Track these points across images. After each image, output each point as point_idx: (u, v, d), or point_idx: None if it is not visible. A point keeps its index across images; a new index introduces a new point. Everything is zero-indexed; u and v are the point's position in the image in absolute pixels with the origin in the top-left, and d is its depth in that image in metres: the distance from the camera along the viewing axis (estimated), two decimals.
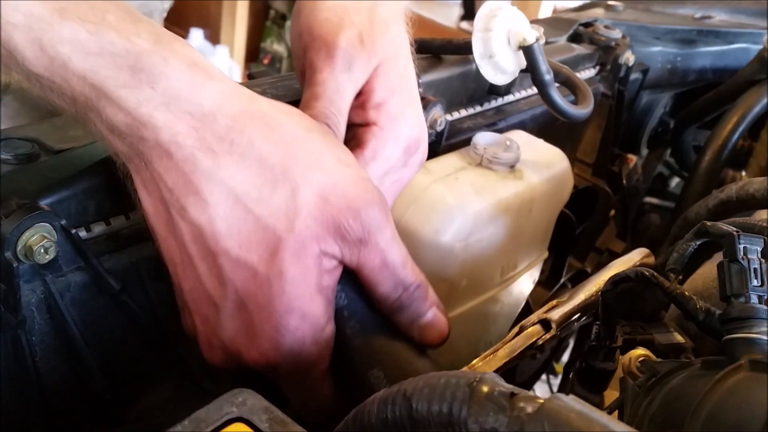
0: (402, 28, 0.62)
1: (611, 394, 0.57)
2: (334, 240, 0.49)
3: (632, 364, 0.48)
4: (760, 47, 1.00)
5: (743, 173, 1.08)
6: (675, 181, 1.27)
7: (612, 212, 1.07)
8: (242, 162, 0.47)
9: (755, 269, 0.45)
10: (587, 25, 1.01)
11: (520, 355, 0.56)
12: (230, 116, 0.47)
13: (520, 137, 0.79)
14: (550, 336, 0.57)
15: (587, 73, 0.98)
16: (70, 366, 0.54)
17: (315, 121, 0.52)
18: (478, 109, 0.83)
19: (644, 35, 1.08)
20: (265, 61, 3.46)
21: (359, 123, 0.58)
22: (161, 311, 0.57)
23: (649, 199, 1.21)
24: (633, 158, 1.08)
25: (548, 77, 0.73)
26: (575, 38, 1.00)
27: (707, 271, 0.60)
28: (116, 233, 0.55)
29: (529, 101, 0.88)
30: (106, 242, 0.54)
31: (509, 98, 0.87)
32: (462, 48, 0.77)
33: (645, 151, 1.18)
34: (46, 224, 0.49)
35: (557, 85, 0.76)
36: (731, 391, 0.40)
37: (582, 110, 0.76)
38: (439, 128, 0.74)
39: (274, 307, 0.48)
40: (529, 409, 0.34)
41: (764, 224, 0.54)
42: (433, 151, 0.63)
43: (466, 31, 2.81)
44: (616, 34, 0.99)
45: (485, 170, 0.72)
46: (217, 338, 0.51)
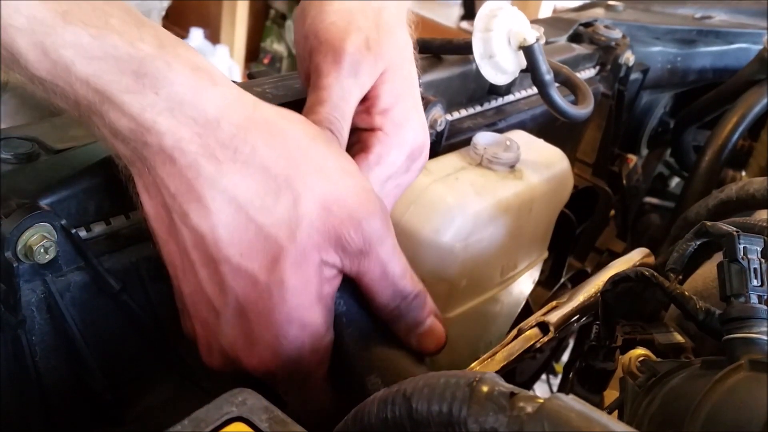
0: (406, 31, 0.62)
1: (611, 394, 0.57)
2: (335, 250, 0.49)
3: (632, 363, 0.48)
4: (760, 47, 1.00)
5: (743, 173, 1.08)
6: (675, 181, 1.27)
7: (612, 212, 1.07)
8: (245, 170, 0.47)
9: (755, 269, 0.45)
10: (587, 25, 1.01)
11: (518, 358, 0.56)
12: (234, 123, 0.46)
13: (520, 137, 0.79)
14: (547, 339, 0.57)
15: (587, 73, 0.98)
16: (70, 366, 0.54)
17: (319, 128, 0.52)
18: (478, 109, 0.83)
19: (644, 35, 1.08)
20: (265, 60, 3.46)
21: (364, 128, 0.59)
22: (161, 311, 0.57)
23: (649, 199, 1.21)
24: (633, 158, 1.08)
25: (548, 77, 0.73)
26: (575, 38, 1.00)
27: (707, 271, 0.60)
28: (116, 233, 0.55)
29: (529, 101, 0.88)
30: (106, 242, 0.54)
31: (509, 98, 0.87)
32: (462, 48, 0.77)
33: (645, 151, 1.18)
34: (46, 224, 0.49)
35: (557, 85, 0.76)
36: (731, 391, 0.40)
37: (582, 110, 0.76)
38: (439, 128, 0.74)
39: (274, 316, 0.48)
40: (529, 408, 0.34)
41: (764, 224, 0.54)
42: (433, 151, 0.63)
43: (467, 31, 2.81)
44: (616, 34, 0.99)
45: (485, 170, 0.72)
46: (217, 343, 0.51)
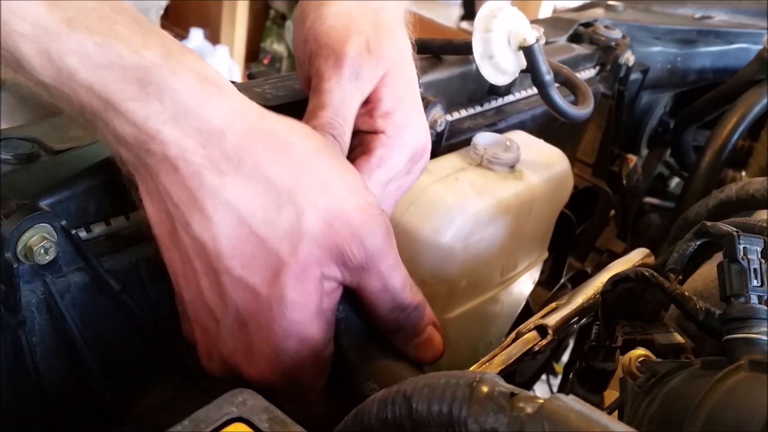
0: (405, 32, 0.62)
1: (611, 395, 0.57)
2: (336, 266, 0.49)
3: (632, 364, 0.48)
4: (760, 47, 1.00)
5: (743, 173, 1.08)
6: (675, 182, 1.27)
7: (612, 212, 1.07)
8: (249, 182, 0.46)
9: (755, 269, 0.45)
10: (587, 25, 1.01)
11: (517, 361, 0.56)
12: (239, 135, 0.46)
13: (520, 137, 0.79)
14: (546, 342, 0.57)
15: (587, 73, 0.98)
16: (70, 366, 0.54)
17: (325, 140, 0.52)
18: (478, 109, 0.83)
19: (644, 35, 1.08)
20: (265, 61, 3.46)
21: (366, 130, 0.59)
22: (161, 311, 0.57)
23: (649, 200, 1.21)
24: (633, 158, 1.08)
25: (548, 78, 0.73)
26: (575, 38, 1.00)
27: (707, 272, 0.60)
28: (116, 234, 0.55)
29: (529, 101, 0.88)
30: (107, 243, 0.54)
31: (509, 98, 0.87)
32: (462, 48, 0.77)
33: (645, 151, 1.18)
34: (46, 225, 0.48)
35: (557, 85, 0.76)
36: (731, 391, 0.40)
37: (582, 110, 0.76)
38: (439, 128, 0.74)
39: (273, 329, 0.48)
40: (529, 409, 0.34)
41: (764, 224, 0.54)
42: (433, 151, 0.63)
43: (466, 32, 2.81)
44: (616, 34, 0.99)
45: (485, 170, 0.72)
46: (216, 351, 0.51)
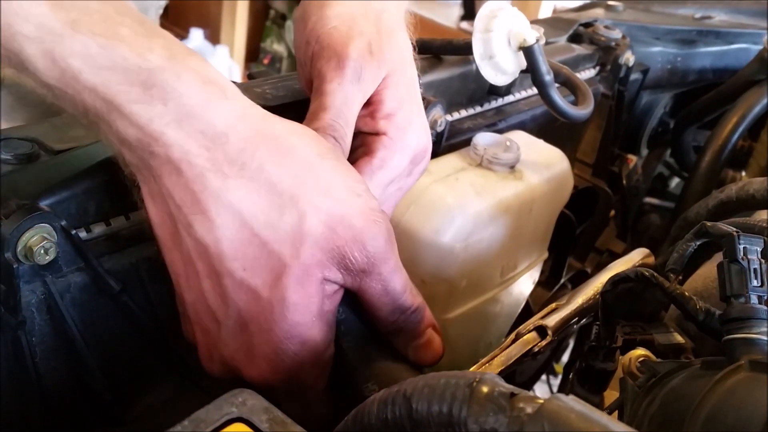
0: (406, 33, 0.62)
1: (611, 395, 0.57)
2: (338, 269, 0.49)
3: (632, 364, 0.48)
4: (760, 47, 1.00)
5: (743, 173, 1.08)
6: (675, 182, 1.27)
7: (612, 212, 1.07)
8: (251, 185, 0.46)
9: (755, 269, 0.45)
10: (587, 25, 1.01)
11: (517, 362, 0.56)
12: (243, 138, 0.46)
13: (520, 138, 0.79)
14: (546, 343, 0.57)
15: (587, 74, 0.98)
16: (70, 366, 0.54)
17: (327, 143, 0.52)
18: (478, 109, 0.83)
19: (644, 35, 1.08)
20: (265, 61, 3.46)
21: (368, 132, 0.59)
22: (161, 312, 0.57)
23: (649, 200, 1.21)
24: (633, 158, 1.08)
25: (548, 78, 0.73)
26: (575, 38, 1.00)
27: (707, 272, 0.60)
28: (116, 234, 0.55)
29: (529, 102, 0.88)
30: (106, 243, 0.54)
31: (509, 99, 0.87)
32: (462, 48, 0.77)
33: (645, 152, 1.18)
34: (46, 225, 0.49)
35: (557, 85, 0.76)
36: (731, 391, 0.40)
37: (582, 111, 0.76)
38: (439, 129, 0.74)
39: (274, 331, 0.48)
40: (529, 409, 0.34)
41: (764, 224, 0.54)
42: (433, 151, 0.64)
43: (467, 32, 2.81)
44: (616, 34, 0.99)
45: (485, 171, 0.72)
46: (217, 352, 0.51)
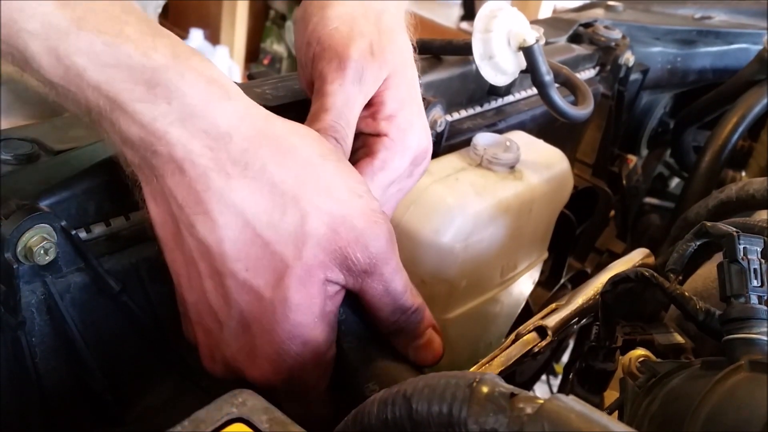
0: (406, 34, 0.62)
1: (611, 395, 0.57)
2: (340, 270, 0.49)
3: (632, 364, 0.48)
4: (760, 48, 1.00)
5: (743, 173, 1.08)
6: (675, 182, 1.27)
7: (612, 213, 1.07)
8: (254, 185, 0.46)
9: (755, 270, 0.45)
10: (587, 25, 1.01)
11: (517, 362, 0.56)
12: (246, 138, 0.46)
13: (520, 138, 0.79)
14: (546, 343, 0.57)
15: (587, 74, 0.98)
16: (70, 366, 0.54)
17: (329, 144, 0.52)
18: (478, 109, 0.83)
19: (644, 36, 1.08)
20: (265, 61, 3.46)
21: (369, 133, 0.59)
22: (161, 312, 0.57)
23: (649, 200, 1.21)
24: (633, 159, 1.08)
25: (548, 78, 0.73)
26: (575, 39, 1.00)
27: (707, 272, 0.60)
28: (116, 234, 0.55)
29: (529, 102, 0.88)
30: (106, 243, 0.54)
31: (509, 99, 0.87)
32: (462, 49, 0.77)
33: (645, 152, 1.18)
34: (46, 225, 0.49)
35: (557, 85, 0.76)
36: (731, 391, 0.40)
37: (582, 111, 0.76)
38: (439, 129, 0.74)
39: (276, 332, 0.48)
40: (529, 409, 0.34)
41: (764, 224, 0.54)
42: (433, 151, 0.64)
43: (466, 32, 2.81)
44: (616, 34, 0.99)
45: (485, 171, 0.72)
46: (219, 353, 0.51)
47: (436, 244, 0.67)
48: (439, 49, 0.79)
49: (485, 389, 0.36)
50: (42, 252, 0.48)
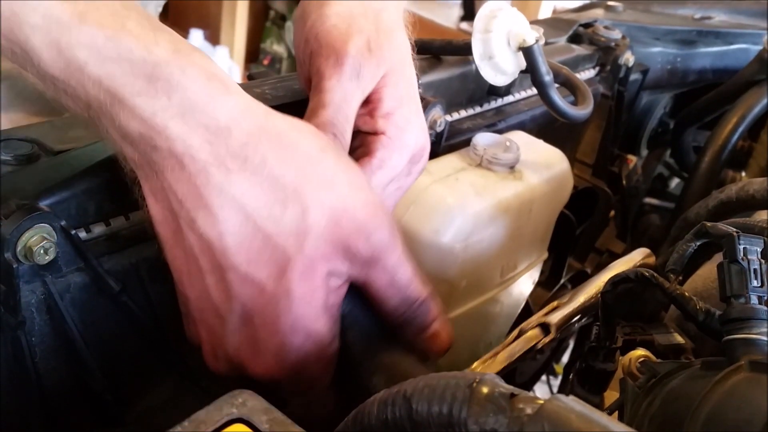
0: (405, 33, 0.62)
1: (611, 395, 0.57)
2: (342, 261, 0.49)
3: (632, 364, 0.48)
4: (759, 48, 1.00)
5: (743, 174, 1.08)
6: (675, 182, 1.27)
7: (612, 213, 1.07)
8: (254, 179, 0.46)
9: (755, 270, 0.45)
10: (587, 25, 1.01)
11: (520, 358, 0.56)
12: (245, 132, 0.46)
13: (520, 138, 0.79)
14: (549, 340, 0.57)
15: (587, 74, 0.98)
16: (70, 366, 0.54)
17: (328, 138, 0.52)
18: (478, 109, 0.83)
19: (644, 36, 1.08)
20: (265, 61, 3.46)
21: (367, 131, 0.59)
22: (161, 312, 0.57)
23: (648, 200, 1.21)
24: (633, 159, 1.08)
25: (548, 78, 0.73)
26: (575, 39, 1.00)
27: (707, 272, 0.60)
28: (116, 234, 0.55)
29: (529, 102, 0.88)
30: (106, 243, 0.54)
31: (509, 99, 0.87)
32: (462, 49, 0.77)
33: (645, 152, 1.18)
34: (46, 225, 0.49)
35: (557, 85, 0.76)
36: (731, 391, 0.40)
37: (581, 111, 0.76)
38: (438, 129, 0.74)
39: (279, 324, 0.48)
40: (529, 410, 0.34)
41: (764, 225, 0.54)
42: (432, 151, 0.64)
43: (466, 32, 2.81)
44: (615, 34, 0.99)
45: (485, 171, 0.72)
46: (222, 349, 0.51)
47: (435, 244, 0.67)
48: (438, 49, 0.79)
49: (485, 390, 0.36)
50: (42, 252, 0.48)
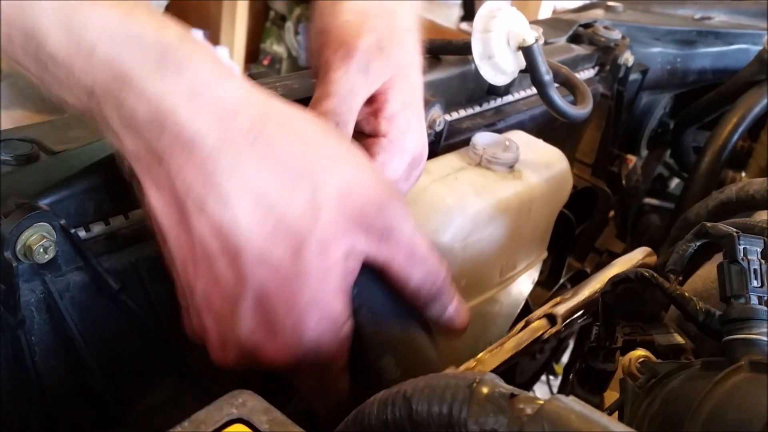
0: (416, 39, 0.62)
1: (611, 395, 0.57)
2: (357, 236, 0.49)
3: (632, 365, 0.49)
4: (759, 48, 1.00)
5: (743, 174, 1.08)
6: (675, 182, 1.27)
7: (611, 213, 1.07)
8: (263, 161, 0.47)
9: (755, 270, 0.45)
10: (587, 25, 1.01)
11: (526, 348, 0.56)
12: (251, 115, 0.47)
13: (520, 137, 0.79)
14: (555, 330, 0.57)
15: (586, 74, 0.98)
16: (70, 366, 0.54)
17: (330, 125, 0.53)
18: (477, 109, 0.83)
19: (644, 36, 1.08)
20: (265, 62, 3.46)
21: (369, 133, 0.59)
22: (161, 311, 0.57)
23: (648, 200, 1.21)
24: (632, 159, 1.08)
25: (547, 78, 0.73)
26: (575, 39, 1.00)
27: (707, 272, 0.60)
28: (115, 233, 0.55)
29: (528, 101, 0.88)
30: (106, 242, 0.54)
31: (508, 98, 0.87)
32: (461, 48, 0.77)
33: (645, 152, 1.18)
34: (46, 224, 0.49)
35: (556, 85, 0.76)
36: (731, 392, 0.40)
37: (581, 110, 0.76)
38: (438, 128, 0.74)
39: (295, 303, 0.48)
40: (529, 410, 0.34)
41: (764, 225, 0.54)
42: (432, 151, 0.64)
43: (466, 32, 2.81)
44: (615, 34, 0.99)
45: (484, 170, 0.72)
46: (233, 336, 0.50)
47: (435, 244, 0.67)
48: (438, 49, 0.79)
49: (485, 390, 0.36)
50: (41, 250, 0.48)
